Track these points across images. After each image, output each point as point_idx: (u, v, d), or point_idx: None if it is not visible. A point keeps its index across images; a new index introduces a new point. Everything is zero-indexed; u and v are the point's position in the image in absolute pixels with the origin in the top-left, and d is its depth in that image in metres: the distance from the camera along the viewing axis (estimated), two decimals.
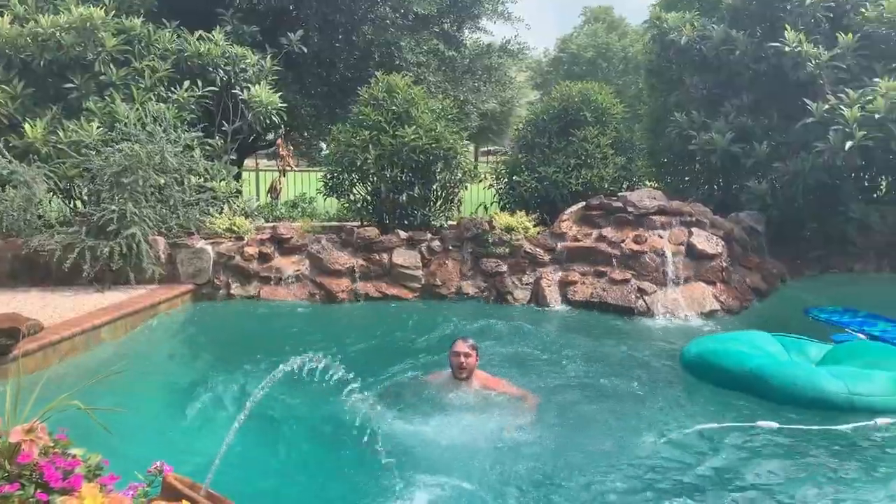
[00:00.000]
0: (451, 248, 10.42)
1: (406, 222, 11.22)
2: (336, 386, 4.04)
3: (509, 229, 10.32)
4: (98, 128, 10.02)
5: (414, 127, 10.70)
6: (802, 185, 10.97)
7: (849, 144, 9.75)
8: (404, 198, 10.95)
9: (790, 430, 5.46)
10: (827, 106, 10.34)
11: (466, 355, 5.95)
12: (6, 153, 9.60)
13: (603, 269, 9.87)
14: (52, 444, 2.98)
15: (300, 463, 4.81)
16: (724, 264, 10.11)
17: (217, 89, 11.41)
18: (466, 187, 11.96)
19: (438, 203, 11.52)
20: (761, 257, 11.11)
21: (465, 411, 5.68)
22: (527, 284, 9.97)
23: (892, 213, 12.22)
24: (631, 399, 6.22)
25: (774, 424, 5.51)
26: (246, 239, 10.07)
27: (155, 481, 2.97)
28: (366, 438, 4.29)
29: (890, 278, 11.74)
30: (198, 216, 10.03)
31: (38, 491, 2.71)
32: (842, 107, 10.08)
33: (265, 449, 4.88)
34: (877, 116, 9.70)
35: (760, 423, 5.57)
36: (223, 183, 10.90)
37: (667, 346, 7.97)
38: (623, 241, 10.08)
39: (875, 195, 13.38)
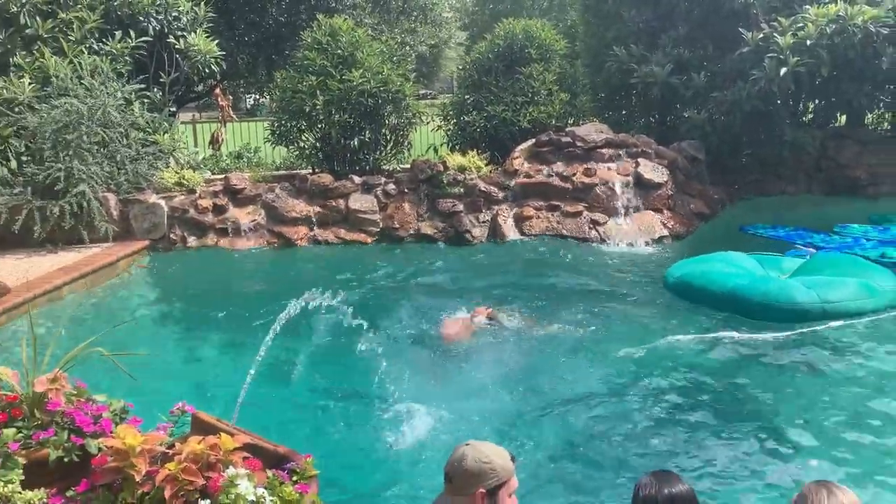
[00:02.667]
0: (406, 190, 10.49)
1: (357, 167, 11.21)
2: (342, 325, 4.15)
3: (462, 169, 10.43)
4: (30, 84, 9.58)
5: (361, 70, 10.60)
6: (740, 112, 11.36)
7: (783, 71, 10.16)
8: (355, 142, 10.90)
9: (748, 339, 5.88)
10: (761, 35, 10.69)
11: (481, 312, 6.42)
12: None
13: (556, 203, 10.13)
14: (74, 393, 3.03)
15: (314, 399, 4.94)
16: (670, 192, 10.50)
17: (151, 39, 11.00)
18: (415, 129, 11.97)
19: (389, 146, 11.52)
20: (703, 184, 11.56)
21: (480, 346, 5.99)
22: (484, 222, 10.16)
23: (821, 136, 12.83)
24: (617, 320, 6.56)
25: (735, 334, 5.92)
26: (198, 192, 9.91)
27: (179, 421, 3.06)
28: (375, 372, 4.42)
29: (817, 199, 12.38)
30: (146, 171, 9.79)
31: (72, 435, 2.78)
32: (775, 35, 10.44)
33: (274, 385, 4.99)
34: (808, 43, 10.11)
35: (721, 333, 5.97)
36: (166, 136, 10.62)
37: (637, 271, 8.38)
38: (574, 174, 10.34)
39: (802, 119, 13.99)
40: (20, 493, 2.54)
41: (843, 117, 14.31)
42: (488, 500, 2.48)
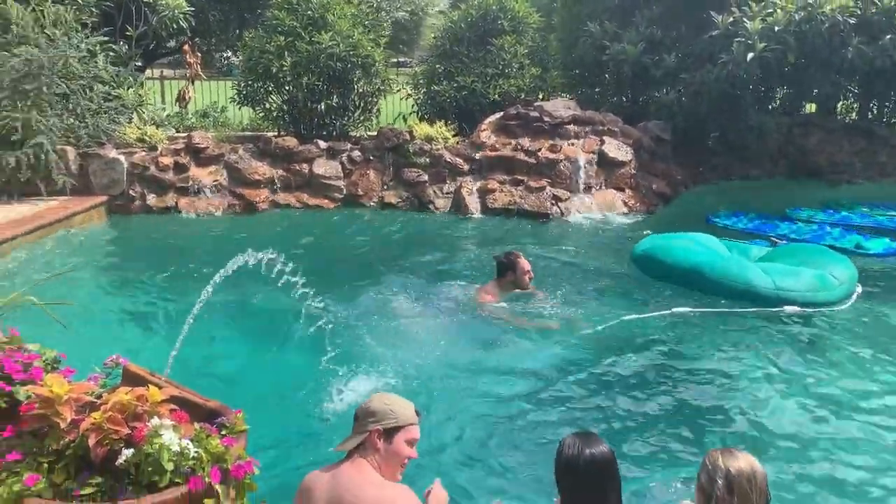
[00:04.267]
0: (371, 158, 10.47)
1: (324, 132, 11.14)
2: (284, 284, 4.18)
3: (429, 139, 10.44)
4: None
5: (331, 33, 10.49)
6: (707, 95, 11.46)
7: (750, 56, 10.26)
8: (322, 107, 10.82)
9: (702, 314, 6.03)
10: (731, 18, 10.77)
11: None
12: None
13: (520, 178, 10.19)
14: (6, 340, 3.05)
15: (251, 354, 4.98)
16: (633, 171, 10.62)
17: None
18: (384, 97, 11.91)
19: (357, 113, 11.46)
20: (667, 164, 11.70)
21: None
22: (447, 193, 10.20)
23: (786, 122, 13.02)
24: (577, 295, 6.63)
25: (688, 309, 6.05)
26: (160, 149, 9.80)
27: (112, 373, 3.09)
28: (320, 334, 4.45)
29: (781, 183, 12.59)
30: (107, 125, 9.64)
31: (0, 382, 2.80)
32: (745, 19, 10.52)
33: (210, 341, 5.02)
34: (776, 29, 10.21)
35: (675, 309, 6.09)
36: (130, 91, 10.46)
37: (597, 248, 8.50)
38: (539, 149, 10.39)
39: (770, 106, 14.15)
40: None
41: (814, 105, 14.50)
42: (384, 438, 2.64)
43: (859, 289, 6.81)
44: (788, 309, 6.24)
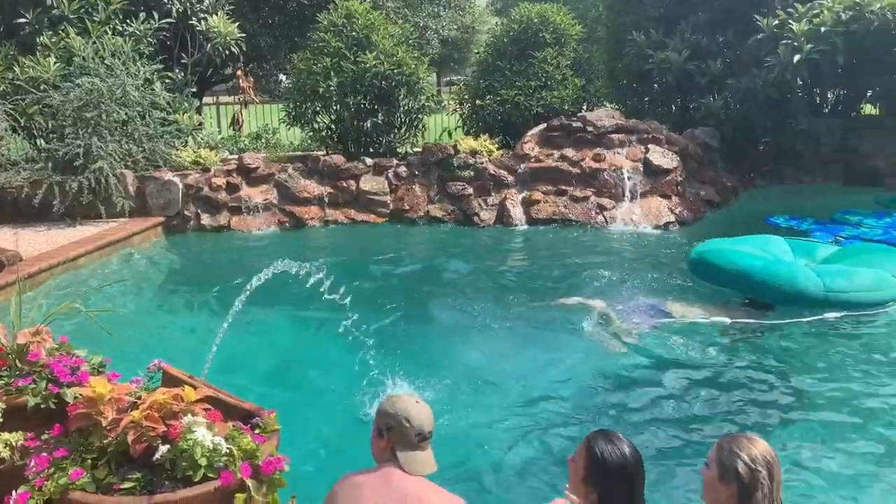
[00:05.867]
0: (417, 173, 10.65)
1: (371, 149, 11.38)
2: (315, 292, 4.33)
3: (474, 153, 10.55)
4: (55, 63, 9.92)
5: (375, 52, 10.75)
6: (754, 100, 11.29)
7: (797, 58, 10.06)
8: (368, 125, 11.07)
9: (741, 325, 5.95)
10: (777, 21, 10.60)
11: None
12: None
13: (564, 188, 10.21)
14: (56, 346, 3.27)
15: (285, 360, 5.16)
16: (679, 178, 10.51)
17: (173, 21, 11.27)
18: (429, 113, 12.10)
19: (403, 129, 11.67)
20: (715, 171, 11.54)
21: None
22: (492, 205, 10.28)
23: (839, 126, 12.65)
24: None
25: (727, 320, 5.99)
26: (212, 170, 10.17)
27: (154, 377, 3.26)
28: (359, 344, 4.60)
29: (835, 189, 12.22)
30: (163, 149, 10.06)
31: (49, 384, 3.00)
32: (791, 21, 10.34)
33: (252, 347, 5.22)
34: (823, 30, 10.00)
35: (714, 318, 6.05)
36: (186, 116, 10.90)
37: (643, 255, 8.49)
38: (583, 159, 10.40)
39: (825, 110, 13.79)
40: None
41: (873, 107, 14.05)
42: None
43: None
44: (829, 315, 6.06)
